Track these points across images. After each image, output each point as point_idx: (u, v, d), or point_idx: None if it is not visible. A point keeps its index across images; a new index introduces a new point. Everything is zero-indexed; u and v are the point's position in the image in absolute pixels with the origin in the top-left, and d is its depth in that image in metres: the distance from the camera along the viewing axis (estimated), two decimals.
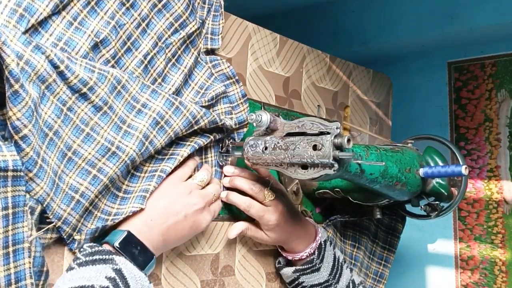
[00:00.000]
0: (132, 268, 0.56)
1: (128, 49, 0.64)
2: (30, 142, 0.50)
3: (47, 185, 0.53)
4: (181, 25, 0.70)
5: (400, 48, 1.31)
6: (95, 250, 0.55)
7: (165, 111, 0.64)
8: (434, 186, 0.80)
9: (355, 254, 0.95)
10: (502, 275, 1.16)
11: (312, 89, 0.95)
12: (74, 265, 0.54)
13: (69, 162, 0.57)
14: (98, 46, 0.60)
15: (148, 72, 0.67)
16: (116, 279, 0.53)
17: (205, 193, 0.67)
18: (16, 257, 0.50)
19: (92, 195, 0.58)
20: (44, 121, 0.54)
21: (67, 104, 0.56)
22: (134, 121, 0.62)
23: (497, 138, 1.20)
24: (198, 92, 0.73)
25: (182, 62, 0.71)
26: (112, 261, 0.54)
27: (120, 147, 0.60)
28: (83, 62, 0.57)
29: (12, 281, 0.49)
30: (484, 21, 1.11)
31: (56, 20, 0.58)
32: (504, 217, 1.17)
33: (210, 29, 0.75)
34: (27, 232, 0.50)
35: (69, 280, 0.52)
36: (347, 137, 0.57)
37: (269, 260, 0.84)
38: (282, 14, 1.49)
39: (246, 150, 0.67)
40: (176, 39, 0.69)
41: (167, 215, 0.62)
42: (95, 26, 0.60)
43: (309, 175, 0.60)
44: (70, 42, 0.58)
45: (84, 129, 0.58)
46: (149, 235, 0.60)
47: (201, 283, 0.74)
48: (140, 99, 0.63)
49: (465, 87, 1.26)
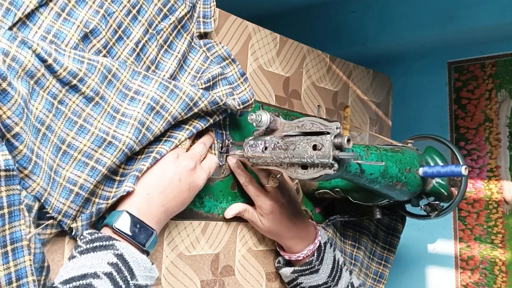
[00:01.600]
0: (134, 251, 0.56)
1: (120, 37, 0.63)
2: (23, 139, 0.50)
3: (43, 180, 0.53)
4: (170, 10, 0.68)
5: (400, 48, 1.31)
6: (95, 237, 0.55)
7: (160, 95, 0.63)
8: (434, 186, 0.80)
9: (355, 254, 0.95)
10: (502, 275, 1.16)
11: (312, 89, 0.95)
12: (76, 253, 0.54)
13: (64, 155, 0.57)
14: (88, 36, 0.59)
15: (141, 60, 0.66)
16: (118, 264, 0.54)
17: (192, 153, 0.67)
18: (15, 256, 0.50)
19: (91, 186, 0.58)
20: (36, 116, 0.53)
21: (58, 97, 0.55)
22: (128, 109, 0.62)
23: (497, 138, 1.20)
24: (194, 77, 0.72)
25: (174, 48, 0.70)
26: (113, 246, 0.55)
27: (116, 137, 0.59)
28: (72, 53, 0.56)
29: (13, 279, 0.49)
30: (484, 21, 1.11)
31: (43, 12, 0.57)
32: (504, 217, 1.17)
33: (201, 12, 0.73)
34: (24, 230, 0.50)
35: (71, 269, 0.53)
36: (347, 137, 0.57)
37: (269, 260, 0.84)
38: (282, 14, 1.48)
39: (246, 150, 0.67)
40: (166, 24, 0.68)
41: (162, 184, 0.61)
42: (84, 16, 0.59)
43: (309, 175, 0.60)
44: (59, 34, 0.57)
45: (77, 121, 0.57)
46: (149, 210, 0.60)
47: (201, 283, 0.74)
48: (132, 86, 0.63)
49: (465, 87, 1.26)
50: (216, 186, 0.77)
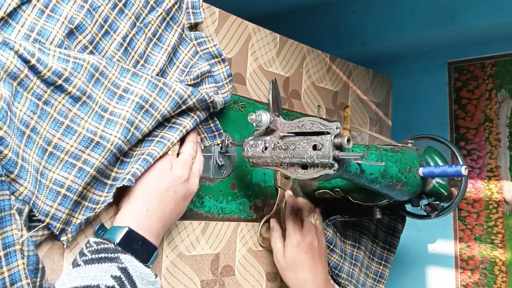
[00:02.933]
0: (138, 265, 0.56)
1: (106, 32, 0.62)
2: (7, 143, 0.49)
3: (30, 184, 0.52)
4: (157, 2, 0.67)
5: (400, 48, 1.31)
6: (101, 248, 0.55)
7: (149, 94, 0.62)
8: (434, 186, 0.80)
9: (355, 254, 0.95)
10: (502, 275, 1.16)
11: (312, 89, 0.95)
12: (80, 262, 0.54)
13: (50, 157, 0.56)
14: (74, 32, 0.58)
15: (129, 55, 0.65)
16: (121, 277, 0.53)
17: (184, 159, 0.66)
18: (8, 260, 0.49)
19: (79, 188, 0.57)
20: (20, 119, 0.52)
21: (43, 98, 0.54)
22: (116, 107, 0.60)
23: (497, 138, 1.20)
24: (183, 71, 0.71)
25: (164, 41, 0.69)
26: (118, 259, 0.54)
27: (104, 136, 0.58)
28: (57, 52, 0.55)
29: (7, 284, 0.49)
30: (484, 21, 1.11)
31: (26, 9, 0.55)
32: (504, 217, 1.17)
33: (190, 3, 0.72)
34: (17, 235, 0.50)
35: (75, 278, 0.52)
36: (347, 137, 0.57)
37: (269, 260, 0.84)
38: (282, 14, 1.48)
39: (246, 150, 0.67)
40: (154, 17, 0.67)
41: (158, 199, 0.61)
42: (68, 11, 0.58)
43: (309, 175, 0.60)
44: (43, 31, 0.56)
45: (63, 121, 0.56)
46: (150, 225, 0.59)
47: (201, 283, 0.74)
48: (121, 84, 0.61)
49: (465, 87, 1.26)
50: (216, 186, 0.77)
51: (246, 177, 0.81)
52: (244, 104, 0.81)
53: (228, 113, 0.79)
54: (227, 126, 0.78)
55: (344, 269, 0.91)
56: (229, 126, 0.79)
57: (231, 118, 0.79)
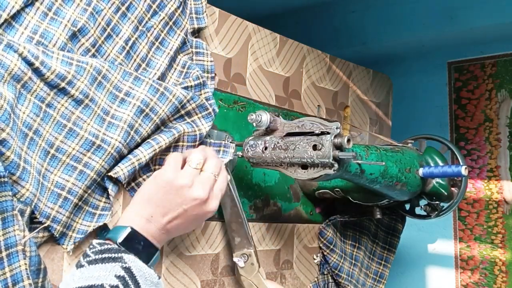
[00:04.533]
0: (142, 265, 0.55)
1: (109, 35, 0.62)
2: (10, 145, 0.49)
3: (32, 186, 0.52)
4: (159, 6, 0.67)
5: (400, 48, 1.31)
6: (104, 248, 0.55)
7: (150, 98, 0.62)
8: (434, 186, 0.80)
9: (355, 254, 0.95)
10: (502, 275, 1.16)
11: (312, 89, 0.95)
12: (84, 262, 0.54)
13: (52, 159, 0.56)
14: (76, 35, 0.58)
15: (131, 58, 0.65)
16: (125, 277, 0.53)
17: (206, 177, 0.61)
18: (10, 261, 0.49)
19: (80, 190, 0.57)
20: (23, 121, 0.52)
21: (46, 100, 0.54)
22: (118, 111, 0.61)
23: (497, 138, 1.20)
24: (181, 72, 0.71)
25: (167, 45, 0.69)
26: (121, 259, 0.54)
27: (105, 140, 0.59)
28: (60, 55, 0.55)
29: (9, 284, 0.49)
30: (484, 21, 1.11)
31: (29, 12, 0.55)
32: (504, 217, 1.17)
33: (193, 9, 0.72)
34: (19, 235, 0.50)
35: (79, 278, 0.52)
36: (347, 137, 0.57)
37: (268, 260, 0.84)
38: (282, 14, 1.48)
39: (246, 150, 0.67)
40: (156, 21, 0.67)
41: (167, 211, 0.59)
42: (71, 14, 0.58)
43: (309, 175, 0.60)
44: (46, 34, 0.56)
45: (66, 124, 0.56)
46: (151, 230, 0.59)
47: (201, 283, 0.74)
48: (123, 87, 0.62)
49: (465, 87, 1.26)
50: None
51: (246, 177, 0.81)
52: (244, 104, 0.81)
53: (228, 113, 0.79)
54: (227, 126, 0.78)
55: (344, 269, 0.91)
56: (229, 126, 0.79)
57: (231, 118, 0.79)
